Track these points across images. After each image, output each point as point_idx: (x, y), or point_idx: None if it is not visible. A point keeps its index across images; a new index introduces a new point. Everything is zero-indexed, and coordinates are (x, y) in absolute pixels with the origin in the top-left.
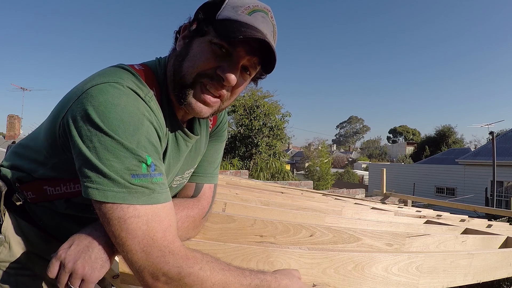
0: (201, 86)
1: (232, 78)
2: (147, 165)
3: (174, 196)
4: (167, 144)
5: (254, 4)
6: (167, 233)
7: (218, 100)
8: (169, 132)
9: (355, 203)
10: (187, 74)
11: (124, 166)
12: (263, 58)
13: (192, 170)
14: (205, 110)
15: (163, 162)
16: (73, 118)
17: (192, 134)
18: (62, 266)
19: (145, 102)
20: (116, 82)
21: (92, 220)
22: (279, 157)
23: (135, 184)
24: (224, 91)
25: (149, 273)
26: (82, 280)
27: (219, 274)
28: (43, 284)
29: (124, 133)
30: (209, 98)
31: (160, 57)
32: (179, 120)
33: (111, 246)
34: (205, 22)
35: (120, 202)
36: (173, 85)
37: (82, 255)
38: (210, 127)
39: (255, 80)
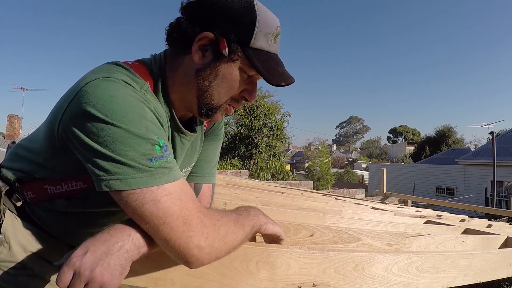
0: (228, 105)
1: (254, 97)
2: (160, 146)
3: None
4: None
5: (276, 25)
6: (195, 201)
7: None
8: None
9: (355, 203)
10: (218, 99)
11: (140, 152)
12: None
13: (189, 169)
14: (221, 118)
15: None
16: (73, 118)
17: (187, 131)
18: (76, 275)
19: (141, 94)
20: (109, 76)
21: (91, 217)
22: (279, 157)
23: (153, 167)
24: None
25: (195, 245)
26: None
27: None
28: (43, 284)
29: (130, 122)
30: (231, 110)
31: (155, 54)
32: (175, 116)
33: (130, 253)
34: (236, 46)
35: (144, 186)
36: (199, 102)
37: (100, 262)
38: (205, 126)
39: None
